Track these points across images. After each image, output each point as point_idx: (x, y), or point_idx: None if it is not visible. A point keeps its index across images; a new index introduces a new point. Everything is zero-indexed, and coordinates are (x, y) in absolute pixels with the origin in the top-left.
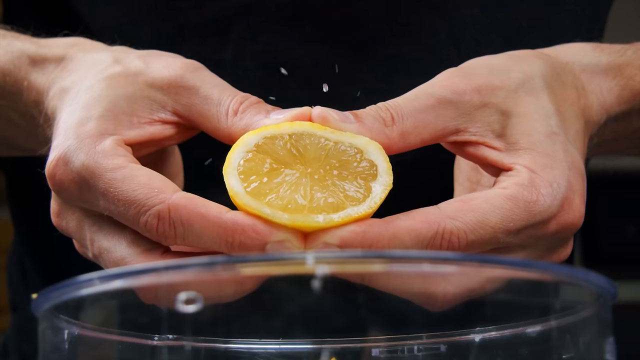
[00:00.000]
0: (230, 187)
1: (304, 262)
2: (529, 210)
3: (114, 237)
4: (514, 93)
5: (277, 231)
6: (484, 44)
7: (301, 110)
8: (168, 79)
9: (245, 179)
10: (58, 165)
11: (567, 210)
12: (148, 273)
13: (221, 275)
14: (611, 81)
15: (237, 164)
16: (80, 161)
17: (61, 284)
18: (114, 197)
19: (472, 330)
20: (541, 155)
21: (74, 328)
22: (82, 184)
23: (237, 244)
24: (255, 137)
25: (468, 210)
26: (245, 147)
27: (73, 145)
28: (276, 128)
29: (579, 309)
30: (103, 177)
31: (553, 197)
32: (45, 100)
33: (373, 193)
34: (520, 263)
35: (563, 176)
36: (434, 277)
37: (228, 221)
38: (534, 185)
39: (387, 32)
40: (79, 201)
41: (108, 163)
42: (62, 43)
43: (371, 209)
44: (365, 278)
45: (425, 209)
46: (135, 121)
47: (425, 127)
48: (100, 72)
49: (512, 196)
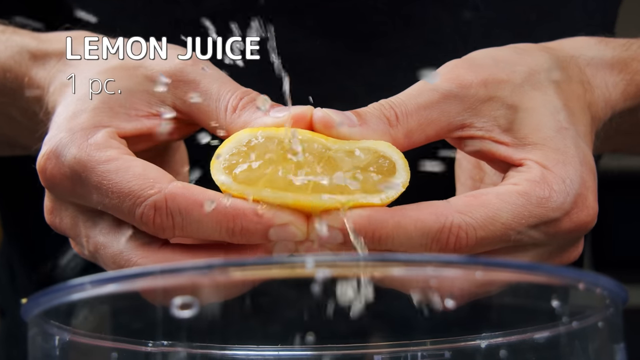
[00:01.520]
0: (220, 182)
1: (303, 265)
2: (541, 206)
3: (109, 232)
4: (520, 87)
5: (280, 213)
6: (491, 38)
7: (302, 110)
8: (168, 72)
9: (231, 170)
10: (49, 159)
11: (580, 208)
12: (142, 277)
13: (218, 279)
14: (616, 76)
15: (224, 158)
16: (71, 154)
17: (52, 288)
18: (108, 189)
19: (478, 336)
20: (552, 151)
21: (65, 334)
22: (75, 178)
23: (238, 229)
24: (248, 135)
25: (478, 206)
26: (237, 143)
27: (65, 138)
28: (274, 131)
29: (589, 314)
30: (95, 170)
31: (566, 194)
32: (46, 96)
33: (389, 187)
34: (527, 266)
35: (576, 172)
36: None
37: (228, 206)
38: (546, 181)
39: (389, 26)
40: (72, 196)
41: (100, 155)
42: (64, 37)
43: (381, 202)
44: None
45: (435, 202)
46: (133, 114)
47: (430, 124)
48: (99, 65)
49: (524, 192)
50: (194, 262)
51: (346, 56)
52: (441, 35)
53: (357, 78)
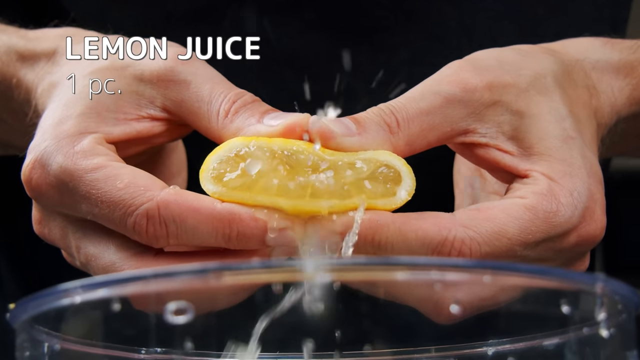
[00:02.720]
0: (211, 191)
1: (302, 269)
2: (548, 221)
3: (100, 243)
4: (525, 92)
5: (277, 218)
6: (497, 32)
7: (298, 119)
8: (157, 71)
9: (221, 179)
10: (34, 169)
11: (588, 222)
12: (134, 281)
13: (213, 284)
14: (622, 80)
15: (212, 167)
16: (57, 163)
17: (41, 293)
18: (97, 199)
19: (485, 343)
20: (558, 162)
21: (55, 341)
22: (62, 188)
23: (234, 235)
24: (240, 144)
25: (484, 220)
26: (227, 152)
27: (50, 146)
28: (268, 142)
29: (600, 320)
30: (83, 179)
31: (574, 207)
32: (34, 97)
33: (397, 195)
34: (537, 270)
35: (583, 184)
36: (443, 286)
37: (223, 211)
38: (553, 194)
39: (391, 20)
40: (60, 207)
41: (88, 163)
42: (53, 35)
43: (386, 207)
44: (365, 286)
45: (440, 213)
46: (121, 117)
47: (432, 130)
48: (87, 66)
49: (531, 206)
50: (188, 266)
51: (346, 51)
52: (445, 30)
53: (358, 74)
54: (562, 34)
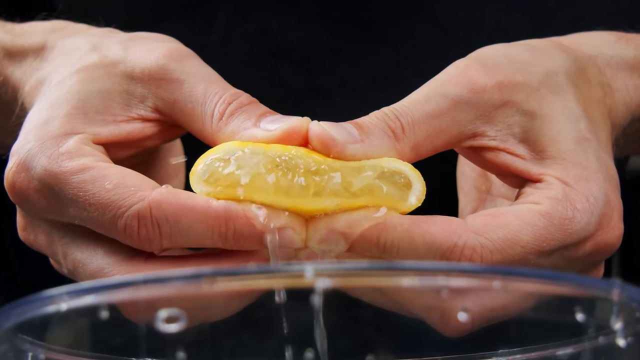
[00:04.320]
0: (206, 193)
1: (302, 274)
2: (564, 228)
3: (88, 248)
4: (536, 91)
5: (276, 216)
6: (507, 24)
7: (297, 124)
8: (149, 69)
9: (212, 180)
10: (17, 173)
11: (605, 229)
12: (123, 287)
13: (207, 290)
14: (637, 78)
15: (203, 169)
16: (41, 166)
17: (25, 300)
18: (85, 202)
19: (494, 353)
20: (573, 165)
21: (39, 350)
22: (47, 192)
23: (231, 234)
24: (235, 148)
25: (496, 227)
26: (221, 154)
27: (34, 148)
28: (264, 148)
29: (617, 329)
30: (70, 182)
31: (591, 213)
32: (21, 95)
33: (407, 200)
34: (549, 276)
35: (600, 189)
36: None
37: (219, 209)
38: (569, 200)
39: (396, 11)
40: (46, 212)
41: (73, 165)
42: (41, 29)
43: (397, 210)
44: (367, 295)
45: (450, 217)
46: (110, 119)
47: (439, 134)
48: (75, 63)
49: (546, 212)
50: (181, 270)
51: (348, 44)
52: (453, 21)
53: (360, 68)
54: (575, 27)
